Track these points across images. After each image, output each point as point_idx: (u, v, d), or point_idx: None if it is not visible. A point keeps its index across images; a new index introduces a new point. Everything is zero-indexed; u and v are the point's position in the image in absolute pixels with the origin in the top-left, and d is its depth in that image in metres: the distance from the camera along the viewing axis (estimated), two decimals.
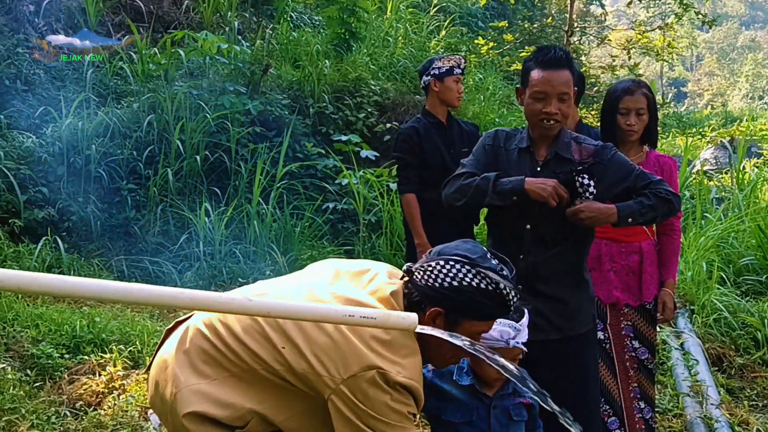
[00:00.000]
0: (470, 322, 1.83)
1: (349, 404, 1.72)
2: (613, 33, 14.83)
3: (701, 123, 16.55)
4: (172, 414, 1.87)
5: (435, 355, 1.89)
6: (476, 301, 1.81)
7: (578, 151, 2.65)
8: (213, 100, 7.40)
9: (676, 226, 3.37)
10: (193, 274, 6.18)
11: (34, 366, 4.22)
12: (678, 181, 3.44)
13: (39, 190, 6.52)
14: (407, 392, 1.75)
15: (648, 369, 3.33)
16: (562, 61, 2.58)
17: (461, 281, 1.80)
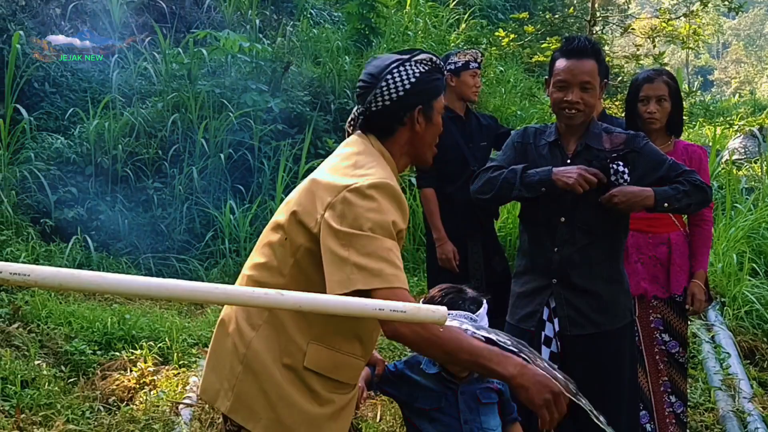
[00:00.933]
0: (437, 101, 2.01)
1: (330, 232, 1.77)
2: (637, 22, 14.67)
3: (729, 112, 16.29)
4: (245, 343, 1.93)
5: (412, 152, 2.02)
6: (431, 82, 1.99)
7: (609, 141, 2.64)
8: (235, 98, 7.45)
9: (707, 216, 3.32)
10: (219, 270, 6.24)
11: (68, 362, 4.30)
12: (708, 170, 3.39)
13: (68, 190, 6.62)
14: (382, 194, 1.80)
15: (679, 363, 3.28)
16: (587, 50, 2.57)
17: (414, 75, 1.96)
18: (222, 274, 6.22)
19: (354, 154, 1.95)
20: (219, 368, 1.98)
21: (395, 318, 1.64)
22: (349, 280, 1.72)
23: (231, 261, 6.31)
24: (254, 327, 1.93)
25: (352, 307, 1.58)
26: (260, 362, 1.90)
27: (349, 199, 1.79)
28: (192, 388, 4.09)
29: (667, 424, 3.26)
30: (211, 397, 1.99)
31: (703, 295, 3.27)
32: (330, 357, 1.91)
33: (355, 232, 1.75)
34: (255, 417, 1.90)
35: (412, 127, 1.98)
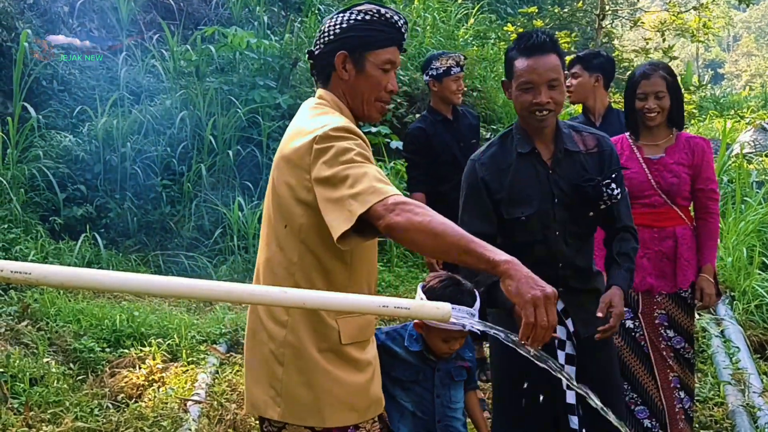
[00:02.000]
0: (373, 53, 1.97)
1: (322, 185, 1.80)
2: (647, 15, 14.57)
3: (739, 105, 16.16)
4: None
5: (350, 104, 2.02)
6: (367, 31, 1.96)
7: (581, 141, 2.52)
8: (244, 95, 7.45)
9: (712, 209, 3.28)
10: (227, 267, 6.25)
11: (77, 360, 4.32)
12: (713, 161, 3.35)
13: (77, 188, 6.64)
14: (346, 133, 1.85)
15: (685, 359, 3.25)
16: (547, 46, 2.40)
17: (347, 21, 1.97)
18: (231, 271, 6.23)
19: (307, 117, 1.97)
20: (260, 379, 1.98)
21: (399, 315, 1.63)
22: (350, 213, 1.72)
23: (240, 258, 6.31)
24: (283, 324, 1.94)
25: (356, 304, 1.57)
26: (300, 356, 1.92)
27: (321, 148, 1.82)
28: (200, 385, 4.10)
29: (677, 420, 3.23)
30: (261, 410, 1.98)
31: (713, 289, 3.22)
32: (357, 323, 1.96)
33: (340, 170, 1.77)
34: (313, 411, 1.92)
35: (340, 74, 1.98)
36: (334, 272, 1.93)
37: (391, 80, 2.01)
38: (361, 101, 2.01)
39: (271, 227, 2.00)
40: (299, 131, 1.93)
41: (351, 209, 1.72)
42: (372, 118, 2.06)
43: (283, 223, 1.94)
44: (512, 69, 2.45)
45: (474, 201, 2.51)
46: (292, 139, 1.94)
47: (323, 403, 1.92)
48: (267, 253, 2.01)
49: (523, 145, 2.49)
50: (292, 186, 1.90)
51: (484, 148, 2.58)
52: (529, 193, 2.47)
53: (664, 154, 3.24)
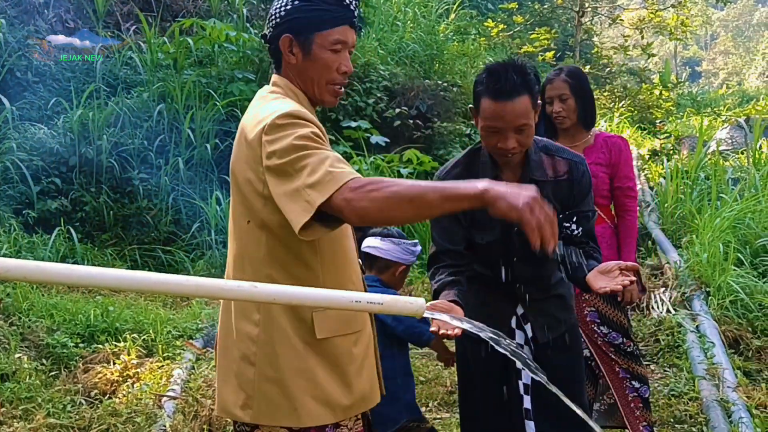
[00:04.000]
0: (320, 34, 1.89)
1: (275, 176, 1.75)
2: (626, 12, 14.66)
3: (716, 102, 16.34)
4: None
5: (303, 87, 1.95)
6: (312, 12, 1.88)
7: (551, 167, 2.41)
8: (222, 88, 7.39)
9: (630, 206, 3.34)
10: (205, 262, 6.21)
11: (50, 355, 4.26)
12: (631, 159, 3.41)
13: (52, 181, 6.55)
14: (294, 119, 1.78)
15: (628, 353, 3.28)
16: (517, 89, 2.20)
17: (292, 3, 1.90)
18: (208, 265, 6.18)
19: (257, 107, 1.91)
20: (230, 381, 1.93)
21: (372, 310, 1.62)
22: (309, 203, 1.66)
23: (217, 252, 6.26)
24: (255, 323, 1.87)
25: (327, 299, 1.55)
26: (274, 353, 1.86)
27: (270, 139, 1.76)
28: (176, 380, 4.06)
29: (632, 409, 3.29)
30: (231, 414, 1.93)
31: (635, 285, 3.25)
32: (338, 315, 1.89)
33: (291, 159, 1.71)
34: (287, 411, 1.86)
35: (287, 58, 1.92)
36: (304, 266, 1.87)
37: (344, 61, 1.92)
38: (312, 85, 1.93)
39: (236, 223, 1.95)
40: (250, 122, 1.87)
41: (309, 199, 1.66)
42: (326, 102, 1.98)
43: (245, 219, 1.88)
44: (479, 105, 2.29)
45: (442, 221, 2.46)
46: (245, 132, 1.88)
47: (298, 402, 1.85)
48: (234, 249, 1.96)
49: (486, 173, 2.37)
50: (250, 180, 1.84)
51: (450, 167, 2.49)
52: (491, 220, 2.33)
53: (582, 155, 3.28)
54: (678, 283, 5.44)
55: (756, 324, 4.76)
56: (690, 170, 7.76)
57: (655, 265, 6.05)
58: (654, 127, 11.64)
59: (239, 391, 1.89)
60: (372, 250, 2.91)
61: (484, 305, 2.47)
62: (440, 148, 8.10)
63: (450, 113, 8.56)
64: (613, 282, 2.15)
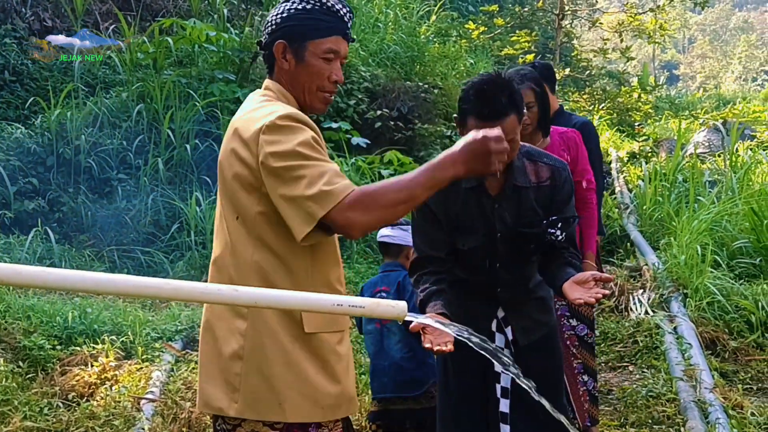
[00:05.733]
0: (313, 42, 1.94)
1: (273, 177, 1.79)
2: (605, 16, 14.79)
3: (694, 106, 16.52)
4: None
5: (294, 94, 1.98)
6: (307, 20, 1.94)
7: (534, 173, 2.42)
8: (202, 88, 7.34)
9: (589, 199, 3.41)
10: (184, 263, 6.16)
11: (26, 358, 4.20)
12: (585, 151, 3.47)
13: (29, 181, 6.47)
14: (293, 120, 1.83)
15: (588, 344, 3.41)
16: (505, 110, 2.22)
17: (288, 10, 1.96)
18: (188, 266, 6.13)
19: (255, 106, 1.93)
20: (215, 375, 1.92)
21: (354, 313, 1.61)
22: (309, 215, 1.74)
23: (197, 254, 6.22)
24: (244, 316, 1.88)
25: (309, 302, 1.55)
26: (262, 347, 1.86)
27: (268, 139, 1.80)
28: (155, 383, 4.02)
29: (582, 402, 3.39)
30: (214, 408, 1.92)
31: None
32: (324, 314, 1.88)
33: (292, 164, 1.76)
34: (270, 407, 1.86)
35: (280, 64, 1.97)
36: (294, 256, 1.88)
37: (335, 70, 1.97)
38: (302, 91, 1.98)
39: (222, 221, 1.96)
40: (245, 120, 1.90)
41: (310, 211, 1.74)
42: (315, 109, 2.02)
43: (234, 215, 1.90)
44: (465, 121, 2.28)
45: (424, 227, 2.47)
46: (238, 129, 1.90)
47: (284, 396, 1.85)
48: (219, 249, 1.96)
49: (470, 179, 2.36)
50: (242, 176, 1.86)
51: None
52: (474, 225, 2.41)
53: None
54: (656, 284, 5.50)
55: (732, 325, 4.82)
56: (668, 173, 7.84)
57: (634, 267, 6.10)
58: (633, 130, 11.75)
59: (225, 385, 1.89)
60: (385, 238, 3.24)
61: (465, 309, 2.48)
62: (421, 149, 8.11)
63: (431, 115, 8.58)
64: (587, 294, 2.18)
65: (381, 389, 3.15)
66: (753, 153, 8.76)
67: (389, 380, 3.10)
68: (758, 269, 5.60)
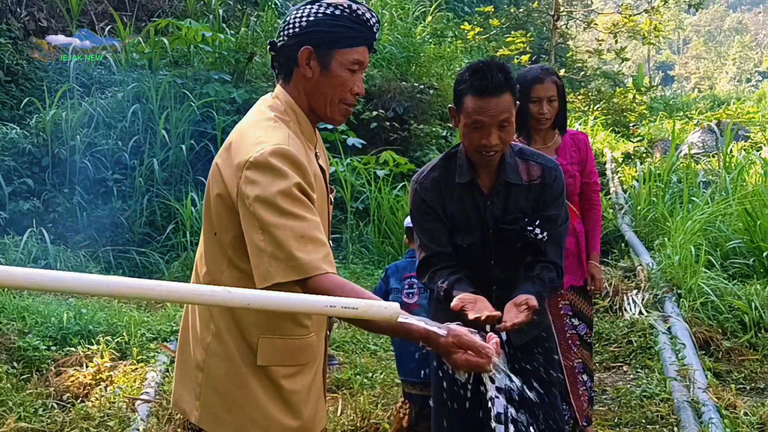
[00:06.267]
0: (340, 51, 1.82)
1: (247, 218, 1.71)
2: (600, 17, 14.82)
3: (688, 106, 16.58)
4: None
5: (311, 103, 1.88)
6: (336, 27, 1.81)
7: (526, 171, 2.45)
8: (198, 88, 7.34)
9: (595, 200, 3.46)
10: (180, 264, 6.16)
11: (21, 358, 4.20)
12: (593, 154, 3.53)
13: (24, 182, 6.47)
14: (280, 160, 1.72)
15: (588, 343, 3.44)
16: (501, 86, 2.26)
17: (315, 14, 1.82)
18: (183, 267, 6.13)
19: (250, 126, 1.84)
20: (185, 378, 1.93)
21: (347, 315, 1.62)
22: (268, 273, 1.68)
23: (192, 254, 6.21)
24: (209, 330, 1.86)
25: (302, 304, 1.55)
26: (219, 366, 1.84)
27: (250, 177, 1.71)
28: (150, 383, 4.02)
29: (581, 402, 3.40)
30: (181, 409, 1.93)
31: (601, 275, 3.46)
32: (285, 346, 1.86)
33: (265, 214, 1.68)
34: (222, 424, 1.85)
35: (303, 71, 1.83)
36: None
37: (358, 82, 1.86)
38: (324, 102, 1.86)
39: (204, 234, 1.91)
40: (240, 140, 1.81)
41: (269, 270, 1.68)
42: (335, 121, 1.92)
43: (212, 231, 1.85)
44: (462, 103, 2.33)
45: (427, 226, 2.49)
46: (231, 147, 1.83)
47: (236, 417, 1.84)
48: (198, 255, 1.94)
49: (463, 175, 2.42)
50: (223, 196, 1.79)
51: (428, 171, 2.50)
52: (470, 222, 2.44)
53: (556, 155, 3.34)
54: (650, 285, 5.51)
55: (726, 326, 4.84)
56: (662, 173, 7.87)
57: (628, 267, 6.12)
58: (627, 131, 11.77)
59: (191, 390, 1.89)
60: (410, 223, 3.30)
61: None
62: (416, 150, 8.12)
63: (426, 115, 8.59)
64: (516, 318, 2.26)
65: (408, 373, 3.29)
66: (747, 154, 8.79)
67: (416, 366, 3.19)
68: (751, 269, 5.62)
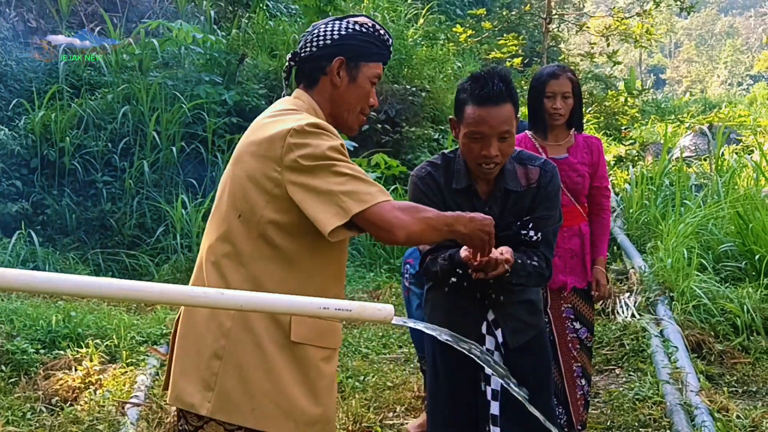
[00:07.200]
0: (366, 64, 1.98)
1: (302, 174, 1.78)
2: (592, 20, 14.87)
3: (680, 110, 16.66)
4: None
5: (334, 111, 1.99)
6: (365, 42, 1.98)
7: (524, 176, 2.43)
8: (188, 90, 7.31)
9: (605, 205, 3.45)
10: (170, 266, 6.12)
11: (9, 362, 4.15)
12: (605, 159, 3.54)
13: (12, 183, 6.41)
14: (322, 128, 1.84)
15: (588, 347, 3.42)
16: (502, 95, 2.25)
17: (346, 29, 1.97)
18: (173, 269, 6.09)
19: (283, 110, 1.94)
20: (190, 371, 1.88)
21: (341, 317, 1.60)
22: (343, 210, 1.74)
23: (182, 256, 6.18)
24: (231, 316, 1.84)
25: (295, 306, 1.53)
26: (243, 350, 1.82)
27: (298, 142, 1.80)
28: (140, 387, 3.98)
29: (578, 406, 3.38)
30: (185, 403, 1.87)
31: (606, 280, 3.42)
32: (315, 324, 1.87)
33: (324, 164, 1.77)
34: (242, 412, 1.82)
35: (332, 79, 1.96)
36: (290, 273, 1.85)
37: (374, 95, 2.02)
38: (347, 110, 1.99)
39: (220, 221, 1.90)
40: (270, 123, 1.88)
41: (344, 206, 1.74)
42: (351, 130, 2.04)
43: (236, 214, 1.87)
44: (462, 112, 2.31)
45: None
46: (260, 131, 1.88)
47: (257, 403, 1.82)
48: (212, 247, 1.91)
49: (460, 181, 2.42)
50: (256, 178, 1.84)
51: (428, 168, 2.48)
52: None
53: (568, 154, 3.33)
54: (643, 288, 5.51)
55: (718, 328, 4.84)
56: (654, 176, 7.88)
57: (621, 270, 6.12)
58: (619, 134, 11.81)
59: (200, 382, 1.85)
60: None
61: (456, 311, 2.48)
62: (408, 152, 8.11)
63: (418, 118, 8.58)
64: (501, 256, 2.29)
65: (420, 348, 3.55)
66: (738, 157, 8.82)
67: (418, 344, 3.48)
68: (743, 272, 5.62)
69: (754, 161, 8.09)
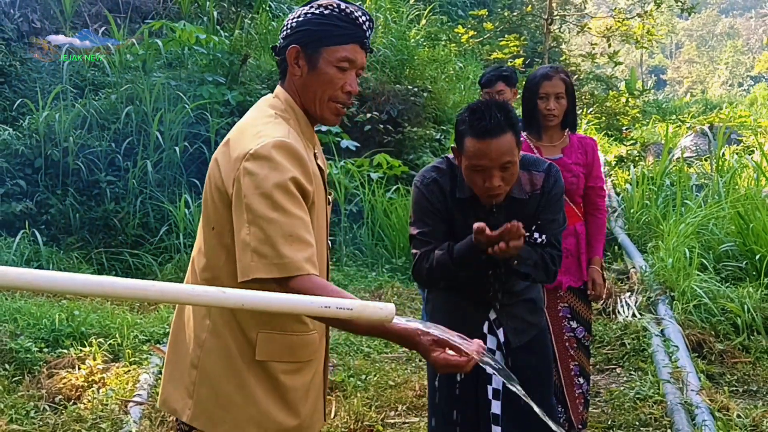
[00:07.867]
0: (328, 49, 1.84)
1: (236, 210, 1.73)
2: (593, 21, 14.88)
3: (681, 110, 16.65)
4: None
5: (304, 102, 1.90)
6: (323, 26, 1.84)
7: (529, 182, 2.42)
8: (192, 90, 7.33)
9: (600, 205, 3.46)
10: (173, 266, 6.14)
11: (13, 360, 4.17)
12: (600, 159, 3.54)
13: (16, 183, 6.44)
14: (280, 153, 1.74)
15: (585, 346, 3.44)
16: (501, 126, 2.21)
17: (305, 16, 1.87)
18: (176, 269, 6.11)
19: (251, 121, 1.87)
20: (176, 377, 1.91)
21: (342, 316, 1.62)
22: (249, 268, 1.69)
23: (185, 256, 6.20)
24: (204, 327, 1.85)
25: (296, 304, 1.55)
26: (215, 363, 1.84)
27: (249, 169, 1.72)
28: (143, 385, 4.01)
29: (577, 405, 3.40)
30: (170, 408, 1.91)
31: (602, 280, 3.42)
32: (285, 342, 1.85)
33: (258, 209, 1.70)
34: (217, 422, 1.84)
35: (292, 69, 1.87)
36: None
37: (350, 80, 1.86)
38: (314, 100, 1.88)
39: (203, 227, 1.92)
40: (240, 135, 1.83)
41: (251, 265, 1.69)
42: (326, 120, 1.93)
43: (210, 225, 1.85)
44: (462, 144, 2.29)
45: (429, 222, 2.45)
46: (230, 142, 1.85)
47: (230, 416, 1.84)
48: (196, 253, 1.93)
49: (464, 191, 2.39)
50: (222, 190, 1.80)
51: (433, 174, 2.47)
52: (468, 231, 2.38)
53: (562, 154, 3.35)
54: (643, 287, 5.53)
55: (719, 328, 4.86)
56: (655, 177, 7.89)
57: (621, 270, 6.14)
58: (620, 134, 11.82)
59: (183, 389, 1.88)
60: None
61: (457, 311, 2.50)
62: (410, 152, 8.13)
63: (420, 118, 8.60)
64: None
65: None
66: (739, 157, 8.82)
67: None
68: (744, 272, 5.64)
69: (754, 161, 8.10)
